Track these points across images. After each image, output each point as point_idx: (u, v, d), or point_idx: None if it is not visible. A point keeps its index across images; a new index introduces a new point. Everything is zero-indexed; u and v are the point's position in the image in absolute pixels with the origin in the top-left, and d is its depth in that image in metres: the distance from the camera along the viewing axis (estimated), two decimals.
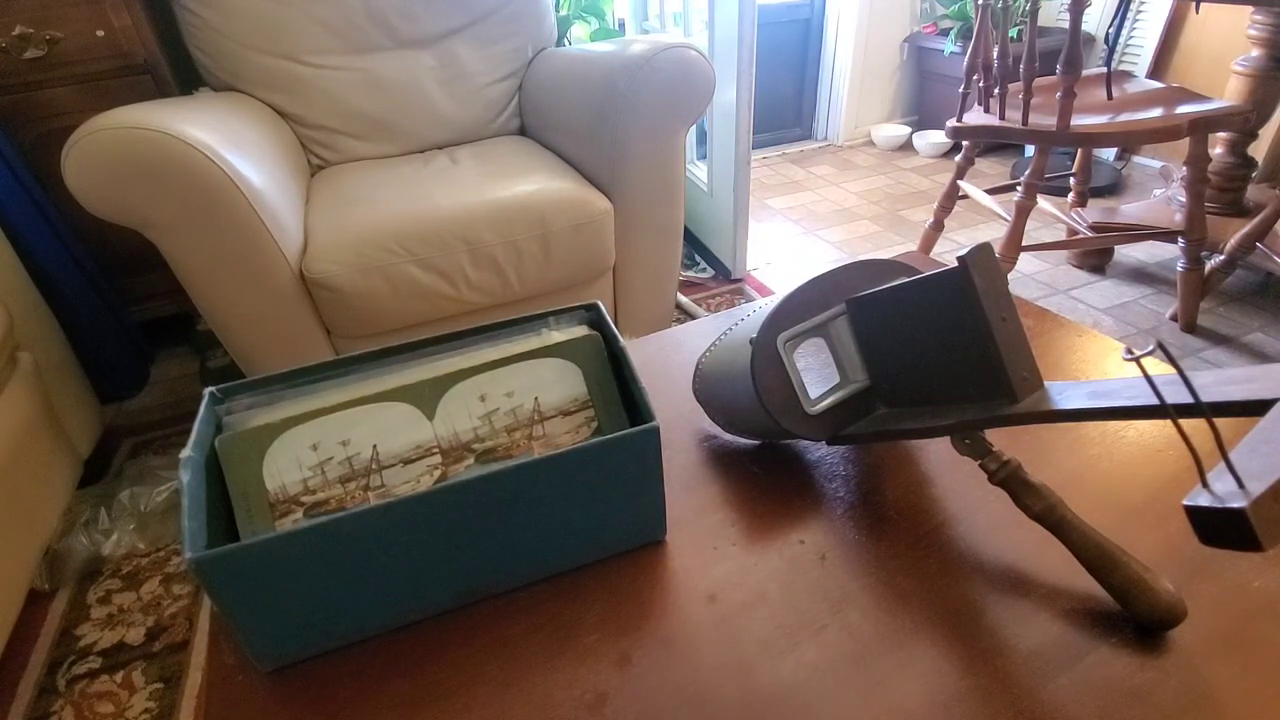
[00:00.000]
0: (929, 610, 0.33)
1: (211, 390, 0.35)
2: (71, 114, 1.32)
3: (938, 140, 2.73)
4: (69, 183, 0.93)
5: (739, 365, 0.40)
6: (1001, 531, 0.37)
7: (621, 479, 0.35)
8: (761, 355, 0.38)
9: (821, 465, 0.43)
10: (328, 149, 1.48)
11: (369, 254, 1.09)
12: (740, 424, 0.43)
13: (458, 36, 1.55)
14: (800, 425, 0.39)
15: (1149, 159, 2.47)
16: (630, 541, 0.38)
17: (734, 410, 0.42)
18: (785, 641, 0.32)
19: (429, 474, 0.36)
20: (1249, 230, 1.53)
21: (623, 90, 1.18)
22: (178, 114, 1.01)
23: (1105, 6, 2.44)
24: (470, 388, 0.38)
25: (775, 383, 0.38)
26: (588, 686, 0.31)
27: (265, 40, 1.39)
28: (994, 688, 0.30)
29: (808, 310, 0.39)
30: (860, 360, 0.39)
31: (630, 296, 1.38)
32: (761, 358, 0.38)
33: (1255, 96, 1.57)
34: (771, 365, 0.38)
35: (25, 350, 1.16)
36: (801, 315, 0.39)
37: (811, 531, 0.38)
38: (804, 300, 0.39)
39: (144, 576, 1.10)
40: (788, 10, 2.80)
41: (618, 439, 0.34)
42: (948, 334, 0.34)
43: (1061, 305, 1.74)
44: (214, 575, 0.29)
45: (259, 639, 0.32)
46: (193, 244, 1.01)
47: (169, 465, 1.30)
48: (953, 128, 1.56)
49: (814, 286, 0.39)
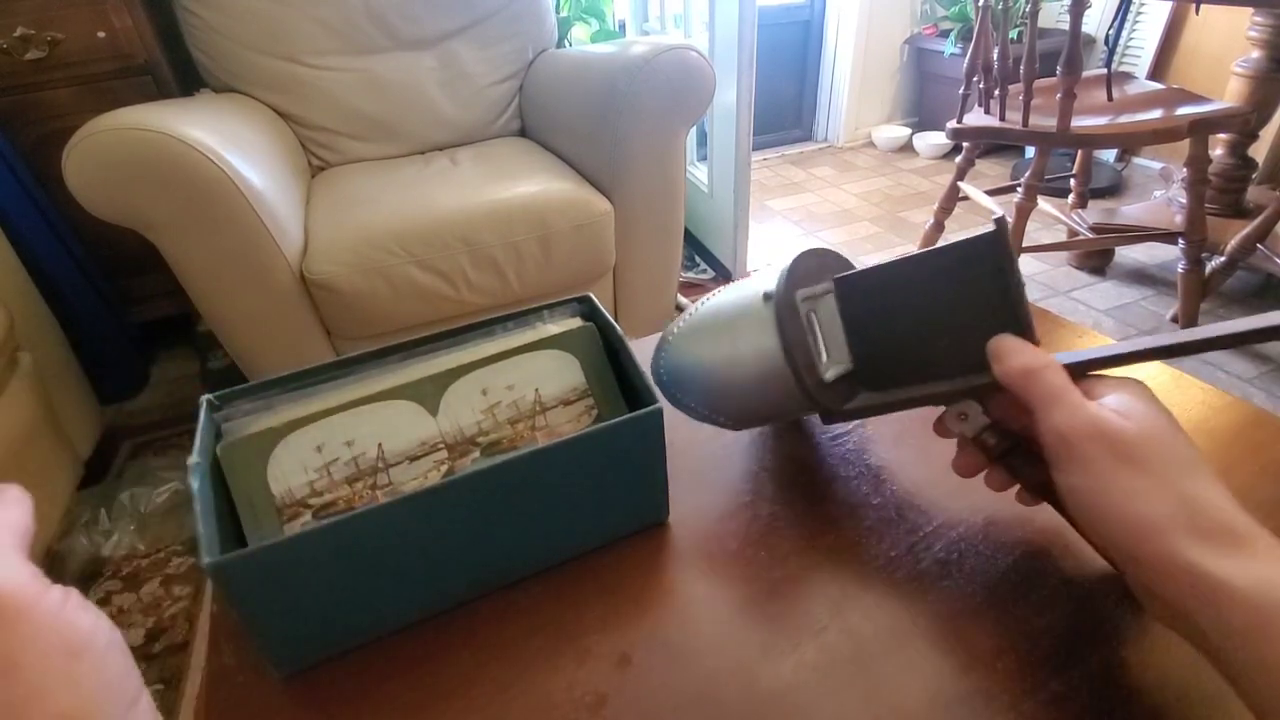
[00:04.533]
0: (930, 610, 0.33)
1: (208, 398, 0.35)
2: (72, 115, 1.32)
3: (938, 141, 2.73)
4: (70, 183, 0.93)
5: (739, 328, 0.36)
6: (1002, 532, 0.37)
7: (627, 462, 0.36)
8: (785, 309, 0.35)
9: (820, 466, 0.43)
10: (328, 150, 1.48)
11: (369, 255, 1.09)
12: (728, 403, 0.39)
13: (458, 38, 1.55)
14: (820, 392, 0.36)
15: (1149, 160, 2.48)
16: (636, 523, 0.39)
17: (725, 386, 0.38)
18: (786, 643, 0.32)
19: (436, 469, 0.37)
20: (1249, 231, 1.53)
21: (623, 91, 1.18)
22: (178, 115, 1.01)
23: (1105, 8, 2.44)
24: (472, 382, 0.38)
25: (796, 338, 0.35)
26: (588, 687, 0.31)
27: (266, 41, 1.39)
28: (995, 689, 0.30)
29: (806, 281, 0.37)
30: (845, 341, 0.37)
31: (630, 297, 1.38)
32: (785, 311, 0.35)
33: (1255, 98, 1.57)
34: (793, 320, 0.35)
35: (25, 351, 1.16)
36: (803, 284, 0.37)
37: (812, 531, 0.38)
38: (805, 270, 0.37)
39: (144, 578, 1.10)
40: (788, 11, 2.80)
41: (624, 422, 0.34)
42: (961, 306, 0.33)
43: (1062, 306, 1.74)
44: (233, 580, 0.29)
45: (278, 643, 0.32)
46: (193, 245, 1.01)
47: (169, 466, 1.30)
48: (953, 129, 1.56)
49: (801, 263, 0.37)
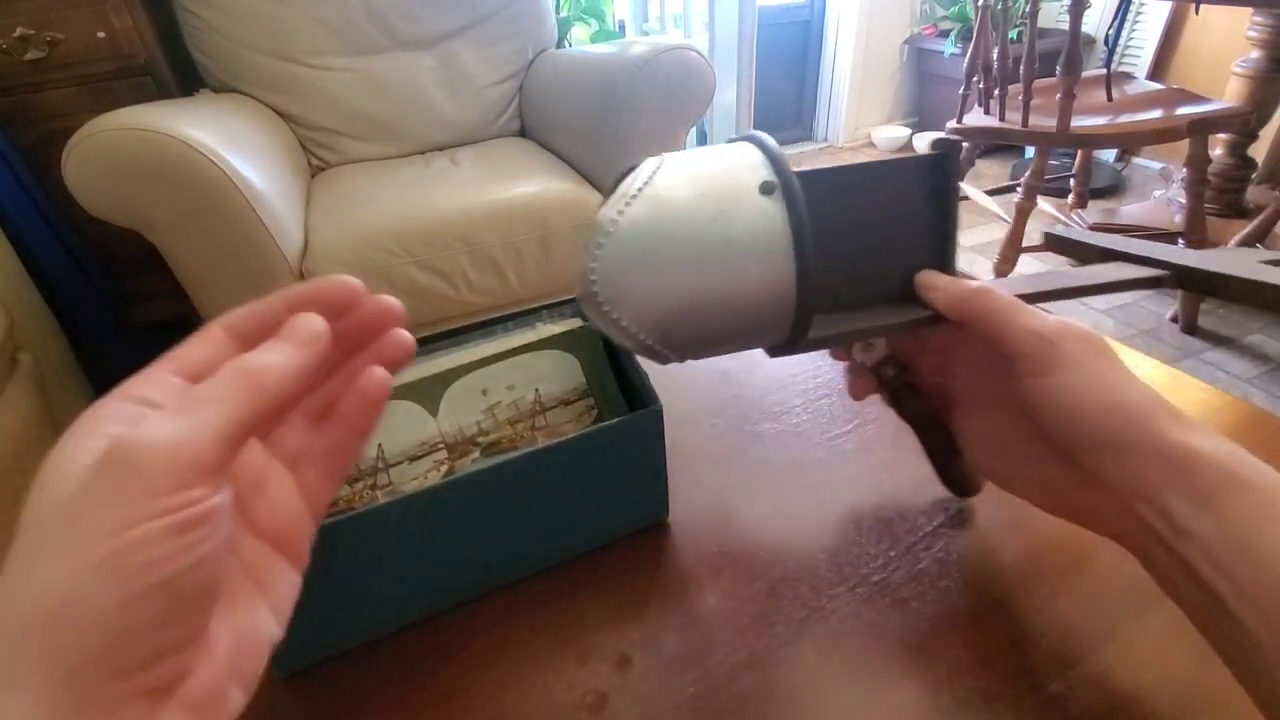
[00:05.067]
0: (929, 611, 0.33)
1: None
2: (72, 115, 1.32)
3: None
4: (70, 184, 0.93)
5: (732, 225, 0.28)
6: (1002, 533, 0.37)
7: (627, 462, 0.36)
8: (795, 204, 0.28)
9: (820, 466, 0.43)
10: (328, 150, 1.48)
11: (369, 255, 1.09)
12: (688, 324, 0.29)
13: (458, 38, 1.55)
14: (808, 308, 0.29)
15: (1149, 160, 2.48)
16: (636, 522, 0.39)
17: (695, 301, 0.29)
18: (786, 643, 0.32)
19: (436, 469, 0.37)
20: (1249, 232, 1.53)
21: (623, 92, 1.18)
22: (178, 115, 1.01)
23: (1105, 8, 2.44)
24: (472, 382, 0.38)
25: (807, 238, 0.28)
26: (588, 687, 0.31)
27: (265, 41, 1.39)
28: (995, 689, 0.30)
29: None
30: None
31: None
32: (795, 206, 0.28)
33: (1255, 98, 1.57)
34: (800, 216, 0.28)
35: (25, 351, 1.16)
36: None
37: (812, 531, 0.38)
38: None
39: None
40: (788, 12, 2.80)
41: (623, 422, 0.34)
42: (900, 226, 0.31)
43: (1061, 307, 1.73)
44: None
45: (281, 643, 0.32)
46: (193, 245, 1.01)
47: None
48: (953, 129, 1.56)
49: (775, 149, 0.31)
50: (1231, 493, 0.22)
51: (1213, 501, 0.22)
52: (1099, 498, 0.26)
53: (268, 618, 0.20)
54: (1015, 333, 0.27)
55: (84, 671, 0.15)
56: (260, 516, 0.21)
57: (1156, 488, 0.23)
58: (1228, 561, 0.21)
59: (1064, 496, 0.28)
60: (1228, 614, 0.21)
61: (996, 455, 0.31)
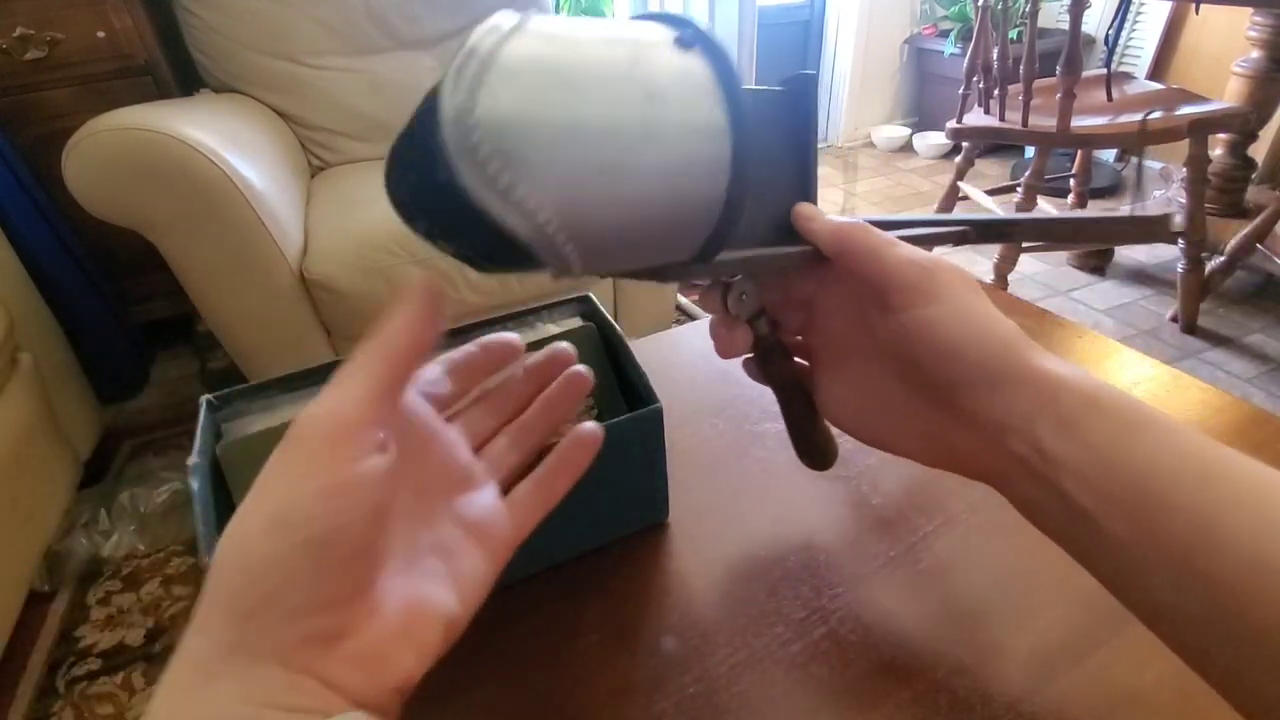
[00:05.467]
0: (929, 611, 0.33)
1: (208, 398, 0.35)
2: (72, 115, 1.32)
3: (938, 141, 2.73)
4: (69, 184, 0.93)
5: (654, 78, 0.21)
6: (1002, 533, 0.37)
7: (627, 462, 0.36)
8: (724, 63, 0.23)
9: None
10: (328, 150, 1.48)
11: (369, 255, 1.09)
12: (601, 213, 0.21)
13: (458, 38, 1.55)
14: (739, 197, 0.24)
15: (1149, 160, 2.48)
16: (636, 522, 0.39)
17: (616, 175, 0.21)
18: (786, 643, 0.32)
19: None
20: (1249, 231, 1.53)
21: None
22: (178, 115, 1.01)
23: (1105, 8, 2.44)
24: None
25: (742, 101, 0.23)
26: (588, 687, 0.31)
27: (265, 41, 1.39)
28: (995, 689, 0.30)
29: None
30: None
31: (630, 297, 1.38)
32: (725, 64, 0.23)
33: (1255, 98, 1.57)
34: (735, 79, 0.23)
35: (25, 351, 1.16)
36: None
37: (812, 531, 0.38)
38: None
39: (144, 578, 1.10)
40: (788, 11, 2.80)
41: (624, 422, 0.34)
42: (766, 164, 0.28)
43: (1061, 306, 1.74)
44: None
45: None
46: (193, 245, 1.01)
47: (169, 466, 1.30)
48: (953, 129, 1.56)
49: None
50: (1091, 417, 0.23)
51: (1077, 427, 0.23)
52: (970, 438, 0.26)
53: (447, 594, 0.22)
54: (895, 263, 0.27)
55: (256, 613, 0.17)
56: (462, 507, 0.24)
57: (1026, 418, 0.24)
58: (1095, 481, 0.22)
59: (936, 442, 0.28)
60: (1095, 528, 0.23)
61: (866, 412, 0.31)
